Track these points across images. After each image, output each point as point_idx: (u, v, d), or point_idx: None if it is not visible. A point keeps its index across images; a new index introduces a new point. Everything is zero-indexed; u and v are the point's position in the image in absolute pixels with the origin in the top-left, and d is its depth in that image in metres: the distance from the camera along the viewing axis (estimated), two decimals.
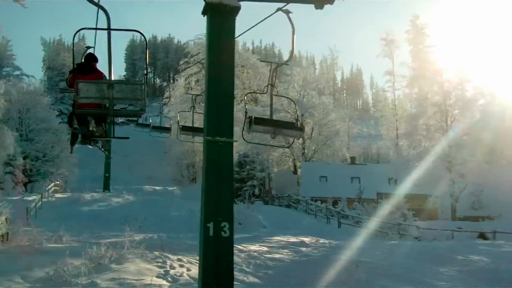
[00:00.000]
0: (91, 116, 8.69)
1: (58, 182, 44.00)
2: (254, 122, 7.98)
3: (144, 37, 8.63)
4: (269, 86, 8.49)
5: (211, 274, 6.84)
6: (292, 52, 8.57)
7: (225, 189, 7.03)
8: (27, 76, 70.12)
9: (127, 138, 10.38)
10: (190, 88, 68.28)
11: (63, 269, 12.84)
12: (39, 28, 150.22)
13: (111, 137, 10.53)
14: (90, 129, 8.98)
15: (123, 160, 61.00)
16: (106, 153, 33.50)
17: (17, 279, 13.04)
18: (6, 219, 18.05)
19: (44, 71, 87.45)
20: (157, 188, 55.79)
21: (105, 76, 8.90)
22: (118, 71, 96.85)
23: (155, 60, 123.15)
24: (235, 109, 7.38)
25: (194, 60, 64.01)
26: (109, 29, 8.70)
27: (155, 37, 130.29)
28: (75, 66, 8.42)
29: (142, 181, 58.15)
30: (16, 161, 40.61)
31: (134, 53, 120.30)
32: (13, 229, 18.71)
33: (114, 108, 8.23)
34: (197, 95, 17.02)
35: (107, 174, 47.66)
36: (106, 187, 46.77)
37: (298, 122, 8.69)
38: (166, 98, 61.24)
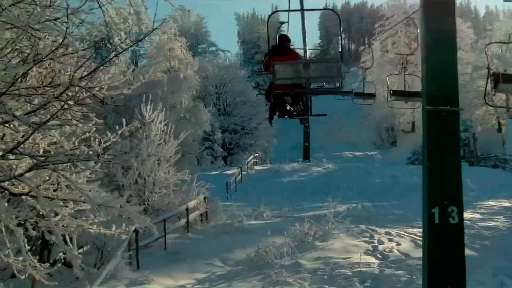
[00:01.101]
0: (288, 96, 8.95)
1: (257, 154, 44.25)
2: (502, 80, 6.37)
3: (338, 15, 8.55)
4: None
5: (438, 271, 5.67)
6: None
7: (451, 167, 5.73)
8: (223, 51, 73.22)
9: (325, 115, 10.51)
10: (386, 51, 65.61)
11: (265, 250, 12.51)
12: (233, 4, 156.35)
13: (309, 115, 10.72)
14: (288, 108, 9.33)
15: (321, 128, 60.76)
16: (305, 124, 33.31)
17: (217, 262, 13.00)
18: (204, 198, 18.42)
19: (239, 45, 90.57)
20: (357, 153, 54.47)
21: (299, 55, 9.07)
22: (312, 39, 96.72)
23: (349, 25, 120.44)
24: None
25: (389, 23, 61.08)
26: (302, 9, 8.69)
27: (347, 3, 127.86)
28: (270, 48, 8.56)
29: (341, 147, 57.35)
30: (215, 136, 41.65)
31: (327, 20, 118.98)
32: (212, 207, 18.89)
33: (311, 87, 8.28)
34: (407, 55, 15.83)
35: (306, 144, 47.61)
36: (305, 156, 46.54)
37: None
38: (363, 62, 59.48)
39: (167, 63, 22.17)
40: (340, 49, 9.35)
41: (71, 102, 5.50)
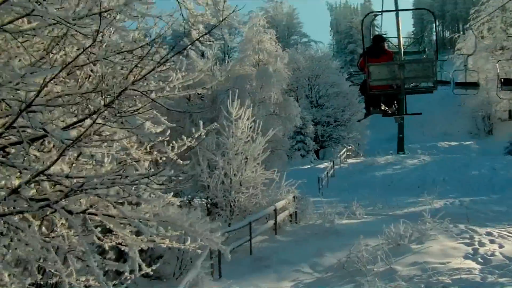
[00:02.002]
0: (383, 96, 9.20)
1: (350, 147, 43.32)
2: None
3: (433, 14, 9.81)
4: None
5: None
6: None
7: None
8: (315, 42, 72.18)
9: (420, 113, 11.05)
10: (482, 38, 61.73)
11: (357, 255, 11.66)
12: None
13: (403, 114, 10.64)
14: (382, 108, 9.51)
15: (415, 118, 58.26)
16: (399, 121, 32.31)
17: (306, 268, 12.31)
18: (294, 197, 17.56)
19: (331, 35, 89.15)
20: (452, 143, 51.82)
21: (394, 55, 9.13)
22: (406, 27, 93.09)
23: (443, 12, 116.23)
24: None
25: (485, 7, 57.29)
26: (396, 10, 8.82)
27: None
28: (364, 49, 8.75)
29: (435, 138, 54.70)
30: (307, 129, 40.81)
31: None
32: (302, 206, 18.11)
33: (405, 86, 8.48)
34: None
35: (400, 135, 45.73)
36: (400, 148, 44.73)
37: None
38: (458, 50, 56.18)
39: (255, 56, 21.44)
40: (436, 49, 9.34)
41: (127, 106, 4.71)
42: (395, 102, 9.72)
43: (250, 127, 16.09)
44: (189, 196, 16.85)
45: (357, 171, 33.82)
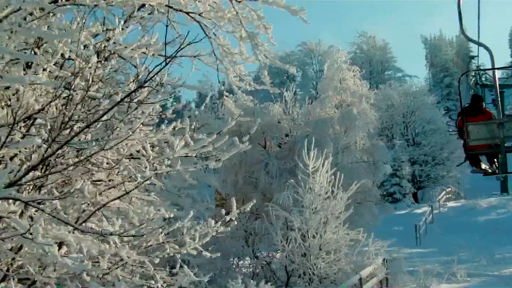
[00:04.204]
0: (483, 155, 9.38)
1: (449, 188, 40.81)
2: None
3: None
4: None
5: None
6: None
7: None
8: (410, 76, 69.03)
9: None
10: None
11: None
12: (418, 26, 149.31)
13: (505, 173, 10.84)
14: (482, 167, 9.65)
15: None
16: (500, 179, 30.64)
17: None
18: (384, 260, 15.01)
19: (427, 69, 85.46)
20: None
21: (494, 115, 9.12)
22: (503, 58, 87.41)
23: None
24: None
25: None
26: (493, 68, 8.65)
27: None
28: (462, 108, 8.89)
29: None
30: (403, 171, 37.94)
31: None
32: (394, 270, 15.74)
33: (506, 145, 8.46)
34: None
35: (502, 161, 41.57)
36: (504, 188, 40.81)
37: None
38: None
39: (338, 97, 19.28)
40: None
41: None
42: (495, 159, 9.68)
43: (330, 180, 13.88)
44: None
45: (458, 216, 31.66)
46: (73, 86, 4.26)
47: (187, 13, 6.01)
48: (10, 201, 3.90)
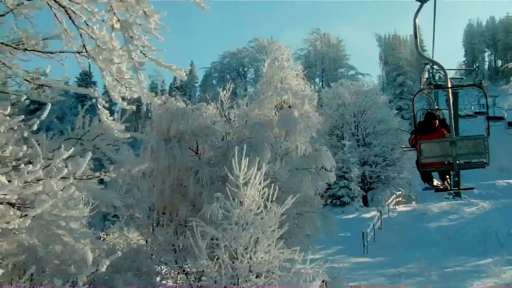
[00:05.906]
0: (435, 172, 9.67)
1: (400, 192, 40.20)
2: None
3: (483, 90, 11.04)
4: None
5: None
6: None
7: None
8: (362, 74, 68.80)
9: (472, 188, 11.86)
10: None
11: None
12: (372, 24, 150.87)
13: (456, 189, 11.61)
14: (434, 184, 9.89)
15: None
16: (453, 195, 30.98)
17: None
18: (323, 282, 13.58)
19: (381, 67, 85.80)
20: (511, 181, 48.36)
21: (446, 133, 9.50)
22: (456, 58, 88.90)
23: (494, 41, 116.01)
24: None
25: None
26: (447, 87, 9.34)
27: (492, 18, 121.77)
28: (416, 126, 9.20)
29: (492, 173, 50.43)
30: (351, 173, 36.70)
31: (472, 37, 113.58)
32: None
33: (457, 162, 8.65)
34: None
35: (456, 179, 41.33)
36: (456, 193, 40.52)
37: None
38: None
39: (278, 98, 17.72)
40: (487, 126, 9.28)
41: None
42: (447, 176, 9.83)
43: (263, 193, 12.32)
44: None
45: (408, 222, 30.70)
46: None
47: None
48: None
